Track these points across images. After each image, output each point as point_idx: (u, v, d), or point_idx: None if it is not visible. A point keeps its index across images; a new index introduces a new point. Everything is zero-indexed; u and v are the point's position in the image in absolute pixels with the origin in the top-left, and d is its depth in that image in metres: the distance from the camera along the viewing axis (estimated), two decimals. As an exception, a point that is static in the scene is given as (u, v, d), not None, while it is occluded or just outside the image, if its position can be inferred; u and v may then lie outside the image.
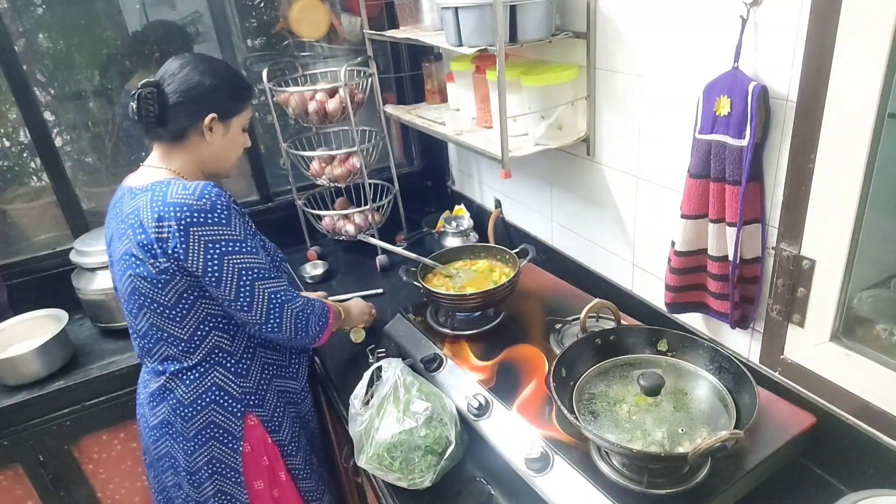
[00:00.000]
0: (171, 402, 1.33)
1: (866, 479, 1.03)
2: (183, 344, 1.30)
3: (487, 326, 1.49)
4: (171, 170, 1.28)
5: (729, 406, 1.05)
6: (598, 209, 1.56)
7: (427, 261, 1.59)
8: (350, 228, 2.15)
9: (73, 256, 1.83)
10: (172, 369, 1.32)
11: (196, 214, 1.17)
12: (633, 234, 1.47)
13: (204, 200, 1.18)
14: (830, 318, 1.07)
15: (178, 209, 1.17)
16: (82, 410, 1.71)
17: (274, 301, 1.25)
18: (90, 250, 1.81)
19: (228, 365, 1.34)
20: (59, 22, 2.00)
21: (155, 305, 1.26)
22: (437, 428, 1.21)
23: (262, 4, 2.25)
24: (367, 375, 1.32)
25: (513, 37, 1.32)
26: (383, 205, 2.18)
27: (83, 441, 1.76)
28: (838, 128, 0.94)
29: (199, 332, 1.29)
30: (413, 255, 1.59)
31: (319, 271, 2.09)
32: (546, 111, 1.42)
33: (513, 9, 1.29)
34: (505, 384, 1.28)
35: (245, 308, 1.24)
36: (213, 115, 1.26)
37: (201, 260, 1.18)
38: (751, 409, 0.99)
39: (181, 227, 1.16)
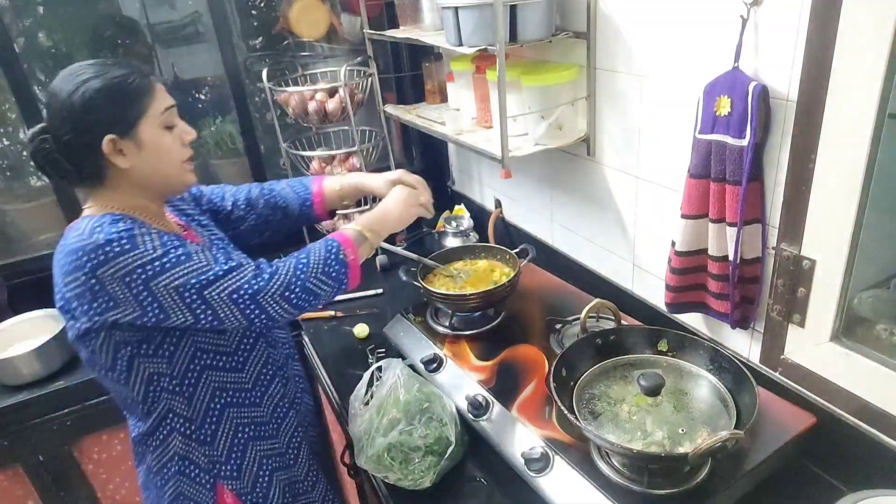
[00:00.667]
0: (144, 467, 1.21)
1: (866, 479, 1.03)
2: (140, 406, 1.13)
3: (487, 326, 1.49)
4: (101, 206, 1.07)
5: (729, 406, 1.05)
6: (598, 209, 1.56)
7: (427, 261, 1.59)
8: (350, 228, 2.15)
9: (73, 256, 1.83)
10: (136, 434, 1.18)
11: (95, 253, 0.97)
12: (634, 234, 1.47)
13: (96, 236, 0.98)
14: (831, 319, 1.07)
15: (75, 256, 0.98)
16: (82, 410, 1.71)
17: (241, 300, 1.03)
18: (90, 250, 1.81)
19: (188, 432, 1.15)
20: (58, 21, 2.00)
21: (98, 367, 1.11)
22: (437, 428, 1.21)
23: (261, 4, 2.25)
24: (366, 376, 1.32)
25: (513, 37, 1.32)
26: (383, 205, 2.17)
27: (83, 441, 1.76)
28: (838, 128, 0.94)
29: (150, 394, 1.11)
30: (413, 255, 1.59)
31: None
32: (546, 111, 1.42)
33: (513, 9, 1.28)
34: (505, 384, 1.28)
35: (217, 324, 1.05)
36: (109, 137, 1.00)
37: (128, 299, 0.99)
38: (751, 409, 0.99)
39: (87, 276, 0.97)
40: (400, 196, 1.32)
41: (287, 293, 1.07)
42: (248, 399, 1.21)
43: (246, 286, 1.04)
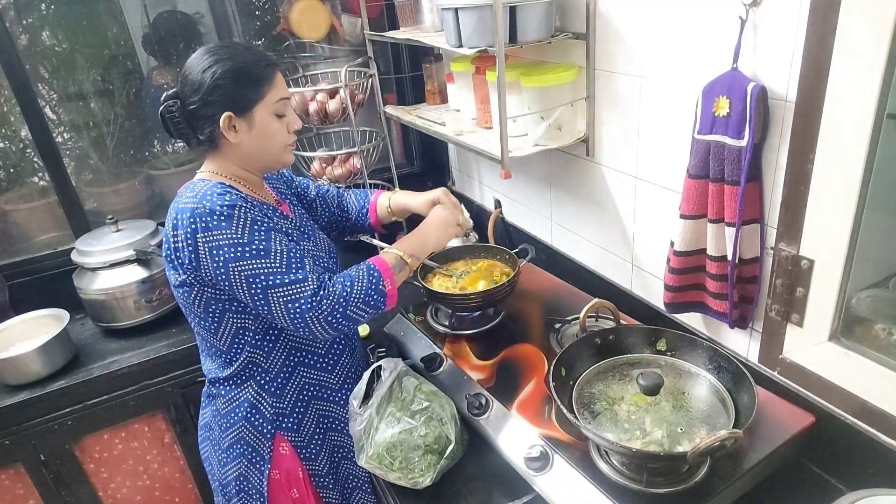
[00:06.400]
0: (213, 407, 1.33)
1: (865, 478, 1.04)
2: (223, 355, 1.25)
3: (487, 326, 1.49)
4: (212, 171, 1.21)
5: (728, 405, 1.06)
6: (597, 209, 1.56)
7: (427, 261, 1.59)
8: (351, 228, 2.16)
9: (74, 256, 1.84)
10: (212, 377, 1.30)
11: (199, 219, 1.09)
12: (633, 234, 1.47)
13: (204, 203, 1.09)
14: (829, 318, 1.07)
15: (184, 216, 1.10)
16: (84, 410, 1.71)
17: (294, 312, 1.11)
18: (91, 250, 1.82)
19: (263, 382, 1.27)
20: (61, 21, 2.00)
21: (192, 316, 1.23)
22: (437, 427, 1.21)
23: (263, 5, 2.26)
24: (366, 375, 1.33)
25: (513, 38, 1.33)
26: (384, 205, 2.18)
27: (85, 440, 1.77)
28: (837, 128, 0.94)
29: (235, 345, 1.23)
30: (413, 255, 1.59)
31: (320, 271, 2.10)
32: (546, 112, 1.43)
33: (512, 10, 1.29)
34: (505, 384, 1.29)
35: (270, 316, 1.14)
36: (227, 114, 1.12)
37: (210, 268, 1.11)
38: (750, 408, 0.99)
39: (188, 235, 1.10)
40: (438, 218, 1.37)
41: (331, 318, 1.13)
42: (318, 363, 1.33)
43: (302, 301, 1.11)
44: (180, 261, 1.13)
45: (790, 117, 1.01)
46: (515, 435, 1.16)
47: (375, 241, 1.71)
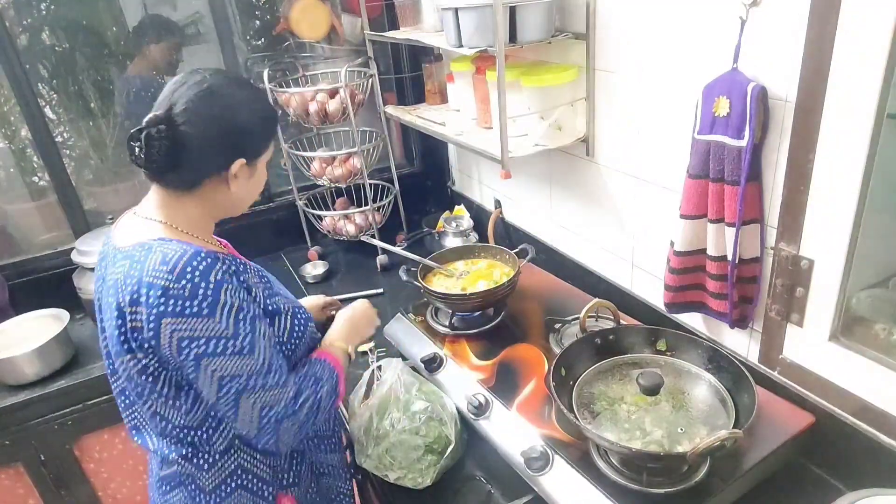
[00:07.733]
0: (190, 489, 1.07)
1: (865, 478, 1.04)
2: (194, 432, 1.04)
3: (487, 326, 1.49)
4: (166, 223, 1.00)
5: (728, 406, 1.06)
6: (597, 209, 1.56)
7: (427, 261, 1.59)
8: (351, 228, 2.16)
9: (74, 256, 1.84)
10: (184, 453, 1.05)
11: (170, 302, 0.89)
12: (633, 234, 1.47)
13: (183, 283, 0.90)
14: (829, 318, 1.07)
15: (150, 292, 0.90)
16: (83, 410, 1.71)
17: (266, 418, 0.97)
18: (92, 250, 1.81)
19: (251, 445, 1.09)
20: (61, 21, 2.00)
21: (155, 396, 1.00)
22: (437, 427, 1.21)
23: (263, 5, 2.26)
24: (366, 375, 1.33)
25: (513, 38, 1.33)
26: (384, 205, 2.18)
27: (84, 440, 1.77)
28: (837, 128, 0.94)
29: (211, 418, 1.03)
30: (413, 256, 1.59)
31: (320, 271, 2.10)
32: (546, 112, 1.43)
33: (513, 10, 1.29)
34: (505, 384, 1.29)
35: (231, 418, 0.98)
36: (241, 160, 0.98)
37: (175, 357, 0.93)
38: (750, 408, 0.99)
39: (151, 317, 0.90)
40: (362, 310, 1.26)
41: (306, 422, 1.03)
42: None
43: (281, 407, 0.98)
44: (139, 343, 0.94)
45: (790, 117, 1.01)
46: (515, 435, 1.16)
47: (375, 242, 1.72)
